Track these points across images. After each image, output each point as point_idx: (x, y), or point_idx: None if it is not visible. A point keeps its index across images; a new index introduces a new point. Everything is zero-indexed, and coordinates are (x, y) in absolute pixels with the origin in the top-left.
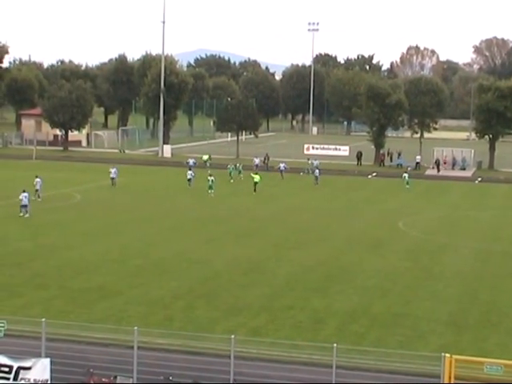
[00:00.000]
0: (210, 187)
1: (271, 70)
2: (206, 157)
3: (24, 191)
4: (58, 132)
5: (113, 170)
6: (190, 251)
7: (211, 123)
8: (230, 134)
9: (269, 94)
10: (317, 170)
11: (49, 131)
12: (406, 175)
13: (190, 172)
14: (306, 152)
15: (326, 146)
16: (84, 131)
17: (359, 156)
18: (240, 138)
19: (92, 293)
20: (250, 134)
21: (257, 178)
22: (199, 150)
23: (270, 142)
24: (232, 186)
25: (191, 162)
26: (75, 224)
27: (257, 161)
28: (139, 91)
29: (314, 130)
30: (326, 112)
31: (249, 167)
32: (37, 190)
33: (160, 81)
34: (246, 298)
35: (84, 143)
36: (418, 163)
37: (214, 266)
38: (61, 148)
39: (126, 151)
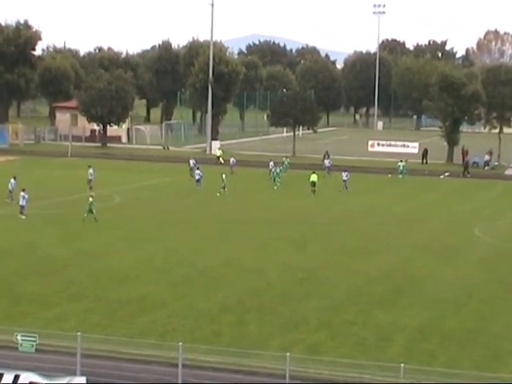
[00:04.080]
0: (224, 187)
1: (332, 58)
2: (219, 152)
3: (24, 190)
4: (95, 127)
5: (89, 171)
6: (240, 259)
7: (265, 117)
8: (285, 129)
9: (329, 84)
10: (345, 173)
11: (85, 126)
12: (400, 164)
13: (197, 172)
14: (370, 149)
15: (392, 143)
16: (124, 126)
17: (425, 154)
18: (297, 133)
19: (132, 304)
20: (308, 129)
21: (314, 177)
22: (251, 146)
23: (330, 138)
24: (284, 188)
25: (191, 162)
26: (114, 228)
27: (233, 160)
28: (185, 82)
29: (380, 124)
30: (393, 105)
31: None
32: (10, 192)
33: (208, 70)
34: (302, 312)
35: (124, 139)
36: (486, 161)
37: (266, 276)
38: (99, 144)
39: (171, 148)
